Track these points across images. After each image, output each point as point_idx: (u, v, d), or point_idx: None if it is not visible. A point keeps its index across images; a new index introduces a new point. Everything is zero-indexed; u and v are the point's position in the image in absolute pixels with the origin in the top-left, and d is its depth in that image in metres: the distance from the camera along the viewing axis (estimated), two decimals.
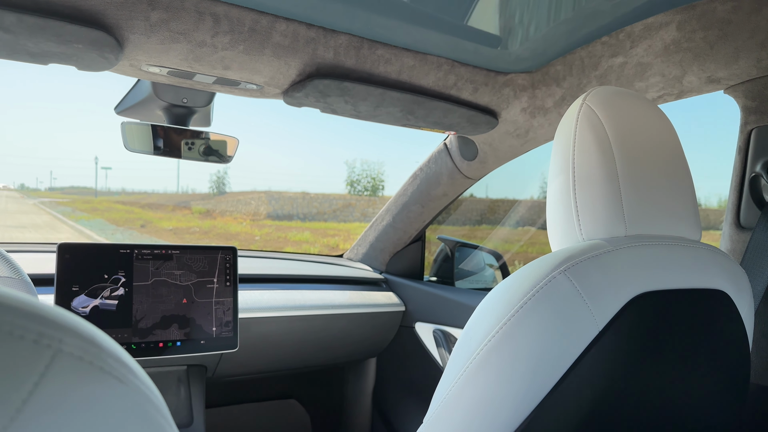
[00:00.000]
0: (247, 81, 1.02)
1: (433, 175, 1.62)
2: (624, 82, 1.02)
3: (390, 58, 1.02)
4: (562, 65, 1.09)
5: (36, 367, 0.22)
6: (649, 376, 0.58)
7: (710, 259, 0.67)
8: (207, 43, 0.88)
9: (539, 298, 0.57)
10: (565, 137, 0.69)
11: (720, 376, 0.64)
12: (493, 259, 1.96)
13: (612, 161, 0.64)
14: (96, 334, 0.26)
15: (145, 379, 0.28)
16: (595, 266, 0.58)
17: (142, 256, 1.25)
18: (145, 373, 0.29)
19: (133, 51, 0.88)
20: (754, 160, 0.91)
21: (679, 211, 0.66)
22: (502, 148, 1.40)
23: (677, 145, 0.69)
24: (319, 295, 1.59)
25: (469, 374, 0.59)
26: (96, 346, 0.25)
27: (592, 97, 0.69)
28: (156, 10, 0.80)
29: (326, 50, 0.96)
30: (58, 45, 0.81)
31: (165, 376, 1.35)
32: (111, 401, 0.24)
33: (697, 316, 0.62)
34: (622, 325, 0.57)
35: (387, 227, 1.82)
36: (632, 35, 0.94)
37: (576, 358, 0.56)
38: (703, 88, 0.97)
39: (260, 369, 1.56)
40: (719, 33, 0.85)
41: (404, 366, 1.76)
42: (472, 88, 1.16)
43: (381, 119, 1.22)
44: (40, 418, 0.21)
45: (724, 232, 0.97)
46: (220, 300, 1.31)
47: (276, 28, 0.89)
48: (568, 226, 0.67)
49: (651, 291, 0.60)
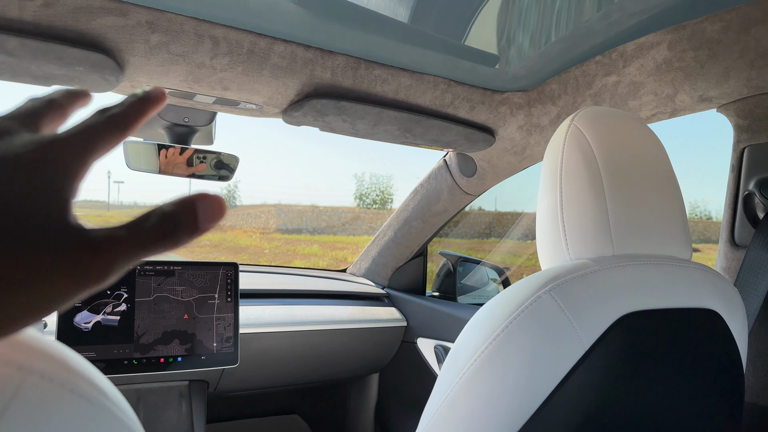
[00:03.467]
0: (246, 101, 1.04)
1: (434, 191, 1.63)
2: (618, 100, 1.03)
3: (387, 77, 1.04)
4: (557, 84, 1.10)
5: (5, 390, 0.22)
6: (639, 396, 0.58)
7: (701, 279, 0.67)
8: (206, 64, 0.90)
9: (524, 318, 0.57)
10: (553, 157, 0.70)
11: (713, 397, 0.64)
12: (496, 274, 1.96)
13: (599, 181, 0.65)
14: (67, 355, 0.26)
15: (118, 401, 0.28)
16: (581, 286, 0.59)
17: (144, 272, 1.27)
18: (120, 394, 0.29)
19: (134, 73, 0.91)
20: (747, 178, 0.92)
21: (669, 230, 0.66)
22: (501, 165, 1.41)
23: (667, 164, 0.69)
24: (321, 310, 1.59)
25: (457, 393, 0.60)
26: (66, 367, 0.25)
27: (579, 118, 0.69)
28: (156, 33, 0.82)
29: (324, 71, 0.98)
30: (60, 68, 0.83)
31: (167, 392, 1.36)
32: (81, 423, 0.24)
33: (687, 336, 0.62)
34: (610, 345, 0.57)
35: (389, 242, 1.83)
36: (625, 54, 0.95)
37: (563, 378, 0.57)
38: (695, 107, 0.97)
39: (262, 384, 1.57)
40: (709, 53, 0.86)
41: (406, 382, 1.75)
42: (469, 107, 1.17)
43: (379, 137, 1.24)
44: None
45: (719, 250, 0.97)
46: (221, 316, 1.32)
47: (274, 49, 0.91)
48: (556, 246, 0.68)
49: (639, 311, 0.60)
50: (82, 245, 0.23)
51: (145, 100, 0.29)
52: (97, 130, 0.26)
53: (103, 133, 0.26)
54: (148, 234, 0.24)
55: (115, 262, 0.23)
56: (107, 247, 0.23)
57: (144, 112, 0.29)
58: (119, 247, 0.23)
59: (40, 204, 0.22)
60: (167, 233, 0.24)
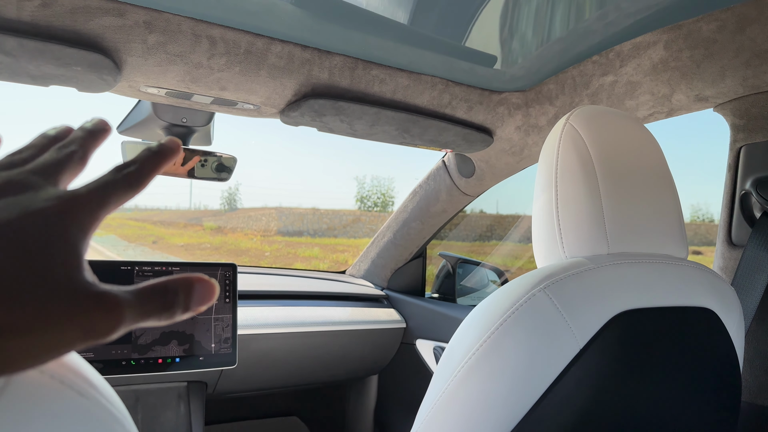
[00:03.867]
0: (244, 101, 1.04)
1: (432, 192, 1.63)
2: (615, 100, 1.03)
3: (384, 78, 1.04)
4: (554, 84, 1.10)
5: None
6: (634, 394, 0.58)
7: (696, 277, 0.67)
8: (203, 64, 0.91)
9: (519, 316, 0.57)
10: (549, 156, 0.70)
11: (709, 395, 0.64)
12: (496, 276, 1.96)
13: (594, 180, 0.65)
14: None
15: (108, 394, 0.28)
16: (576, 284, 0.59)
17: (143, 273, 1.27)
18: (111, 388, 0.29)
19: (131, 73, 0.91)
20: (744, 177, 0.92)
21: (665, 228, 0.66)
22: (499, 166, 1.41)
23: (662, 163, 0.69)
24: (320, 311, 1.59)
25: (451, 391, 0.60)
26: (57, 361, 0.26)
27: (575, 117, 0.70)
28: (153, 34, 0.82)
29: (321, 71, 0.98)
30: (57, 68, 0.84)
31: (165, 392, 1.36)
32: (71, 416, 0.25)
33: (682, 335, 0.62)
34: (604, 343, 0.57)
35: (388, 244, 1.83)
36: (621, 54, 0.95)
37: (557, 376, 0.57)
38: (692, 107, 0.97)
39: (261, 386, 1.57)
40: (705, 52, 0.86)
41: (405, 383, 1.75)
42: (467, 107, 1.17)
43: (377, 137, 1.24)
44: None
45: (717, 249, 0.97)
46: (219, 316, 1.32)
47: (271, 49, 0.91)
48: (551, 245, 0.68)
49: (634, 309, 0.60)
50: (94, 302, 0.24)
51: (160, 154, 0.30)
52: (113, 187, 0.28)
53: (118, 190, 0.28)
54: (151, 303, 0.26)
55: (121, 324, 0.25)
56: (116, 307, 0.25)
57: (158, 167, 0.30)
58: (126, 311, 0.25)
59: (58, 256, 0.24)
60: (166, 307, 0.26)
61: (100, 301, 0.24)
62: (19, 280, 0.22)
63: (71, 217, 0.25)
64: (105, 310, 0.24)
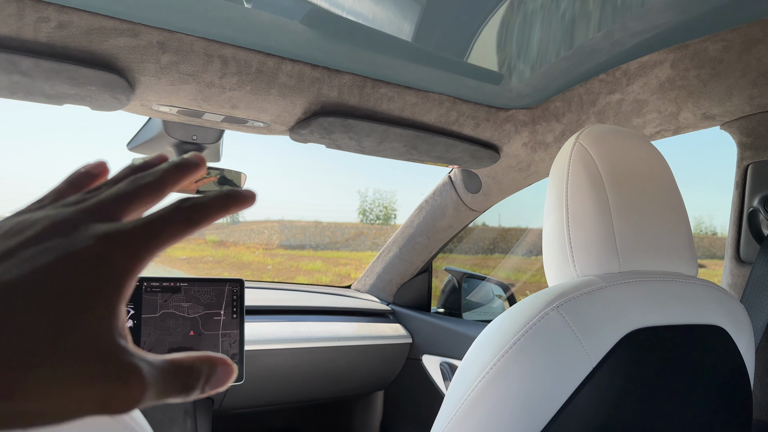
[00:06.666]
0: (254, 119, 1.05)
1: (438, 207, 1.64)
2: (622, 118, 1.04)
3: (393, 96, 1.05)
4: (561, 101, 1.11)
5: None
6: (646, 411, 0.58)
7: (707, 295, 0.67)
8: (215, 83, 0.92)
9: (532, 335, 0.58)
10: (559, 175, 0.71)
11: (720, 413, 0.64)
12: (501, 291, 1.96)
13: (604, 198, 0.65)
14: None
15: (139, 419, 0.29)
16: (588, 302, 0.59)
17: (150, 289, 1.27)
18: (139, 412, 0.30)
19: (144, 92, 0.92)
20: (752, 195, 0.92)
21: (675, 246, 0.67)
22: (505, 182, 1.42)
23: (671, 181, 0.70)
24: (325, 326, 1.59)
25: (465, 410, 0.60)
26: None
27: (584, 136, 0.70)
28: (166, 54, 0.84)
29: (331, 89, 0.99)
30: (72, 87, 0.85)
31: (172, 408, 1.36)
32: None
33: (694, 352, 0.63)
34: (617, 362, 0.57)
35: (394, 258, 1.83)
36: (628, 73, 0.96)
37: (570, 395, 0.57)
38: (699, 125, 0.98)
39: (267, 402, 1.56)
40: (711, 71, 0.87)
41: (412, 399, 1.74)
42: (474, 124, 1.18)
43: (385, 154, 1.25)
44: None
45: (725, 266, 0.97)
46: (226, 332, 1.32)
47: (282, 69, 0.92)
48: (562, 263, 0.68)
49: (646, 327, 0.60)
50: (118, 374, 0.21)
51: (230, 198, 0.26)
52: (170, 222, 0.23)
53: (176, 226, 0.24)
54: (174, 383, 0.23)
55: (140, 403, 0.22)
56: (140, 385, 0.21)
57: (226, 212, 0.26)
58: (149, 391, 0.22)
59: (88, 309, 0.21)
60: (186, 389, 0.23)
61: (126, 372, 0.21)
62: (34, 336, 0.19)
63: (109, 261, 0.21)
64: (128, 385, 0.21)
